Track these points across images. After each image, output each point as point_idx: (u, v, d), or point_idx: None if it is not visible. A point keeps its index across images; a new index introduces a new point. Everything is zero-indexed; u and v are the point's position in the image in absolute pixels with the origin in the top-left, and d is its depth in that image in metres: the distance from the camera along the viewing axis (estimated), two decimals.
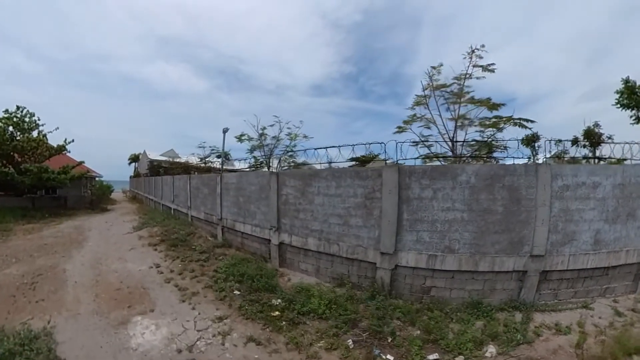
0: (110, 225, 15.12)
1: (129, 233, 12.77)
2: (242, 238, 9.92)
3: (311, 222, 7.23)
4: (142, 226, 14.07)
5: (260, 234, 8.79)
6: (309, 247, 7.24)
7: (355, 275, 6.48)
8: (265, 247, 8.67)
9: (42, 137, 18.84)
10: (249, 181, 9.60)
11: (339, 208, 6.67)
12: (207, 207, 12.61)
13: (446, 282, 5.70)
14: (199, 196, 13.47)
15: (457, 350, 4.26)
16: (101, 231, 13.38)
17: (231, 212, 10.54)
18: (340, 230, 6.66)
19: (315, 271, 7.27)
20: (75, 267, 8.12)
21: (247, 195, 9.58)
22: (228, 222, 10.71)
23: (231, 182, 10.67)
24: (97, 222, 16.01)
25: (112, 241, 11.30)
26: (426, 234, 5.71)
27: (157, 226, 13.78)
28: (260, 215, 8.85)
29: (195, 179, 13.89)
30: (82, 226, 14.78)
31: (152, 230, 13.00)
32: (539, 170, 5.48)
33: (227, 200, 10.85)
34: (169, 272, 7.78)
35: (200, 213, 13.27)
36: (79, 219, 17.30)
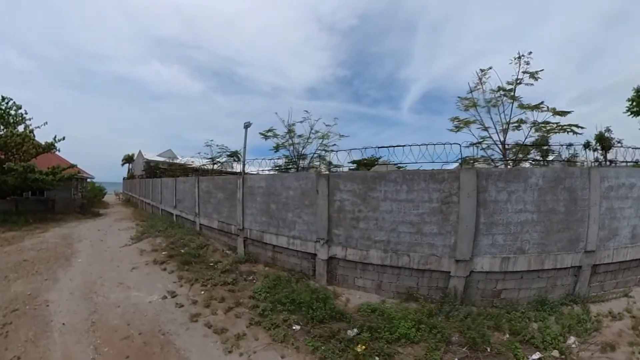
0: (103, 234, 13.11)
1: (126, 245, 10.81)
2: (274, 252, 8.35)
3: (374, 232, 6.39)
4: (141, 236, 12.11)
5: (302, 247, 7.43)
6: (371, 260, 6.38)
7: (425, 287, 6.04)
8: (307, 263, 7.43)
9: (28, 132, 16.73)
10: (286, 184, 8.01)
11: (411, 215, 6.05)
12: (222, 215, 10.78)
13: (515, 283, 5.80)
14: (210, 202, 11.59)
15: (550, 346, 4.40)
16: (93, 242, 11.38)
17: (258, 221, 8.85)
18: (412, 239, 6.07)
19: (375, 287, 6.46)
20: (63, 297, 6.22)
21: (283, 202, 8.01)
22: (253, 233, 9.00)
23: (258, 186, 8.93)
24: (89, 230, 13.97)
25: (108, 257, 9.35)
26: (500, 236, 5.71)
27: (160, 236, 11.86)
28: (302, 226, 7.48)
29: (206, 182, 12.02)
30: (71, 235, 12.75)
31: (155, 242, 11.07)
32: (591, 173, 5.93)
33: (252, 207, 9.11)
34: (190, 303, 5.95)
35: (212, 221, 11.41)
36: (68, 226, 15.22)
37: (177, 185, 15.30)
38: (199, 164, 19.57)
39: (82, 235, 12.86)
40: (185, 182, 14.27)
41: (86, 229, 14.53)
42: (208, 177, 12.34)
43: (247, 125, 11.61)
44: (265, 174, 9.71)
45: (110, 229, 14.32)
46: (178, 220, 15.08)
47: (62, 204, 20.77)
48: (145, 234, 12.47)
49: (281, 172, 10.84)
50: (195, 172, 19.04)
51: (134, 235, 12.38)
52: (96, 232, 13.63)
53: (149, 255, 9.44)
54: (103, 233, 13.30)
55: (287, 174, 9.64)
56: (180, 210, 14.70)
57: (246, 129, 11.61)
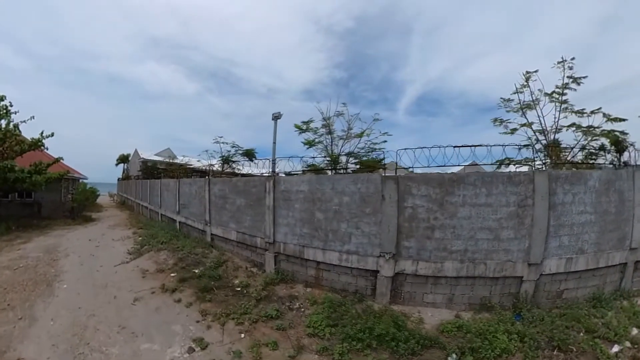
0: (95, 245, 11.13)
1: (123, 263, 8.88)
2: (318, 270, 6.98)
3: (451, 242, 5.84)
4: (141, 249, 10.18)
5: (359, 263, 6.35)
6: (445, 273, 5.86)
7: (498, 295, 5.89)
8: (364, 282, 6.41)
9: (12, 127, 14.67)
10: (339, 189, 6.62)
11: (490, 220, 5.74)
12: (242, 225, 8.97)
13: (575, 282, 5.98)
14: (226, 208, 9.74)
15: (622, 338, 4.64)
16: (83, 258, 9.42)
17: (296, 233, 7.29)
18: (489, 246, 5.78)
19: (447, 301, 6.00)
20: (43, 351, 4.35)
21: (334, 210, 6.65)
22: (289, 247, 7.43)
23: (297, 190, 7.28)
24: (78, 240, 11.97)
25: (101, 281, 7.44)
26: (566, 238, 5.83)
27: (164, 250, 9.94)
28: (361, 238, 6.35)
29: (220, 185, 10.15)
30: (56, 247, 10.76)
31: (159, 258, 9.17)
32: (636, 175, 6.34)
33: (287, 216, 7.50)
34: (233, 358, 4.14)
35: (228, 232, 9.57)
36: (55, 234, 13.21)
37: (181, 187, 13.39)
38: (201, 165, 17.66)
39: (70, 247, 10.89)
40: (192, 184, 12.35)
41: (75, 238, 12.52)
42: (223, 179, 10.50)
43: (277, 117, 9.84)
44: (307, 175, 8.00)
45: (103, 239, 12.33)
46: (182, 228, 13.17)
47: (50, 207, 18.65)
48: (146, 246, 10.54)
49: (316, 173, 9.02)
50: (201, 173, 17.16)
51: (131, 248, 10.43)
52: (86, 242, 11.64)
53: (154, 278, 7.56)
54: (95, 244, 11.31)
55: (341, 176, 7.75)
56: (185, 216, 12.79)
57: (276, 121, 9.84)
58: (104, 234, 13.48)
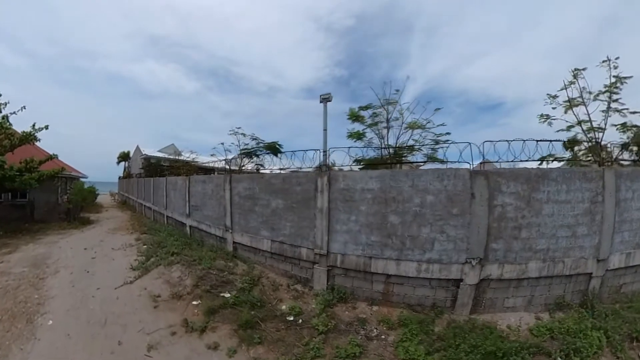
0: (91, 257, 9.23)
1: (127, 284, 6.97)
2: (388, 284, 5.87)
3: (536, 241, 5.42)
4: (147, 262, 8.26)
5: (441, 273, 5.53)
6: (529, 274, 5.40)
7: (570, 293, 5.66)
8: (443, 293, 5.66)
9: (1, 119, 12.83)
10: (420, 186, 5.54)
11: (568, 217, 5.46)
12: (280, 232, 7.16)
13: (631, 277, 6.02)
14: (255, 211, 7.85)
15: None
16: (76, 276, 7.54)
17: (360, 241, 5.97)
18: (567, 243, 5.50)
19: (525, 304, 5.57)
20: None
21: (414, 212, 5.58)
22: (349, 259, 6.06)
23: (363, 189, 5.86)
24: (72, 250, 10.10)
25: (98, 314, 5.54)
26: (627, 233, 5.84)
27: (177, 263, 8.06)
28: (445, 244, 5.51)
29: (247, 183, 8.24)
30: (46, 259, 8.91)
31: (172, 276, 7.28)
32: None
33: (347, 220, 6.07)
34: None
35: (259, 241, 7.72)
36: (46, 241, 11.36)
37: (192, 186, 11.49)
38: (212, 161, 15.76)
39: (61, 258, 9.03)
40: (207, 182, 10.44)
41: (69, 246, 10.65)
42: (251, 175, 8.62)
43: (327, 99, 7.93)
44: (377, 170, 6.34)
45: (101, 247, 10.44)
46: (194, 233, 11.28)
47: (44, 209, 16.81)
48: (153, 258, 8.65)
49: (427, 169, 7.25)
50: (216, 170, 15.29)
51: (135, 261, 8.53)
52: (81, 252, 9.76)
53: (171, 307, 5.68)
54: (91, 255, 9.42)
55: (422, 171, 6.26)
56: (198, 220, 10.89)
57: (325, 104, 7.93)
58: (103, 240, 11.60)
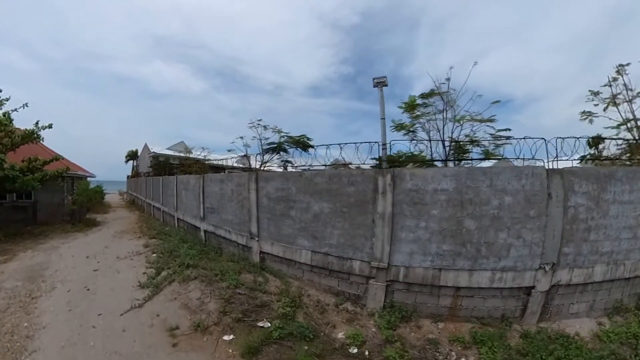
0: (93, 269, 7.92)
1: (135, 308, 5.65)
2: (456, 298, 5.21)
3: (602, 243, 5.20)
4: (158, 278, 6.95)
5: (514, 281, 4.94)
6: (594, 278, 5.17)
7: (627, 296, 5.46)
8: (514, 302, 5.09)
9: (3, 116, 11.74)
10: (499, 186, 4.92)
11: (630, 218, 5.25)
12: (324, 242, 5.95)
13: None
14: (290, 216, 6.52)
15: None
16: (74, 295, 6.25)
17: (430, 251, 5.19)
18: (628, 245, 5.30)
19: (587, 310, 5.33)
20: None
21: (491, 215, 4.93)
22: (415, 272, 5.27)
23: (435, 189, 5.05)
24: (73, 258, 8.86)
25: (100, 353, 4.21)
26: None
27: (194, 279, 6.72)
28: (521, 249, 4.93)
29: (278, 181, 6.87)
30: (43, 270, 7.70)
31: (190, 296, 5.93)
32: None
33: (414, 227, 5.21)
34: None
35: (295, 251, 6.44)
36: (47, 247, 10.19)
37: (207, 185, 10.15)
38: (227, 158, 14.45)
39: (60, 270, 7.78)
40: (226, 181, 9.07)
41: (70, 253, 9.42)
42: (285, 173, 7.28)
43: (382, 83, 6.60)
44: (451, 168, 5.74)
45: (106, 255, 9.17)
46: (210, 239, 9.96)
47: (48, 210, 15.68)
48: (165, 271, 7.33)
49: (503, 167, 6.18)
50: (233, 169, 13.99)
51: (144, 274, 7.21)
52: (83, 262, 8.49)
53: (195, 344, 4.30)
54: (93, 266, 8.14)
55: (500, 169, 5.45)
56: (215, 224, 9.55)
57: (381, 88, 6.59)
58: (107, 247, 10.34)
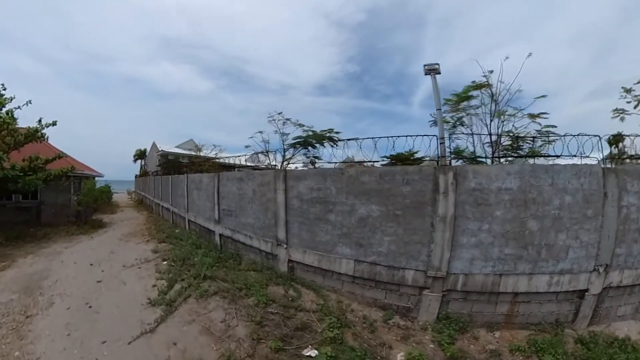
0: (97, 280, 6.95)
1: (146, 333, 4.65)
2: (513, 304, 4.85)
3: None
4: (171, 291, 6.00)
5: (570, 284, 4.81)
6: None
7: None
8: (568, 306, 4.98)
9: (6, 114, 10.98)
10: (560, 185, 4.64)
11: None
12: (371, 249, 5.36)
13: None
14: (328, 220, 5.65)
15: None
16: (74, 314, 5.28)
17: (492, 255, 4.77)
18: None
19: (633, 312, 5.26)
20: None
21: (552, 215, 4.61)
22: (475, 279, 4.82)
23: (498, 188, 4.66)
24: (76, 265, 7.96)
25: None
26: None
27: (214, 294, 5.74)
28: (578, 251, 4.79)
29: (313, 180, 5.90)
30: (42, 280, 6.82)
31: (211, 317, 4.94)
32: None
33: (477, 230, 4.76)
34: None
35: (334, 261, 5.64)
36: (48, 252, 9.32)
37: (223, 185, 9.18)
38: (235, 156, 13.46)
39: (60, 280, 6.87)
40: (246, 180, 8.06)
41: (73, 259, 8.52)
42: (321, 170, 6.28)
43: (434, 70, 5.83)
44: (515, 165, 5.11)
45: (111, 263, 8.22)
46: (226, 244, 8.99)
47: (53, 211, 14.89)
48: (178, 283, 6.36)
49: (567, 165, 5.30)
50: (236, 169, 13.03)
51: (154, 288, 6.24)
52: (86, 271, 7.56)
53: None
54: (97, 276, 7.19)
55: (560, 167, 4.88)
56: (232, 228, 8.57)
57: (433, 76, 5.83)
58: (113, 252, 9.42)
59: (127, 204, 26.39)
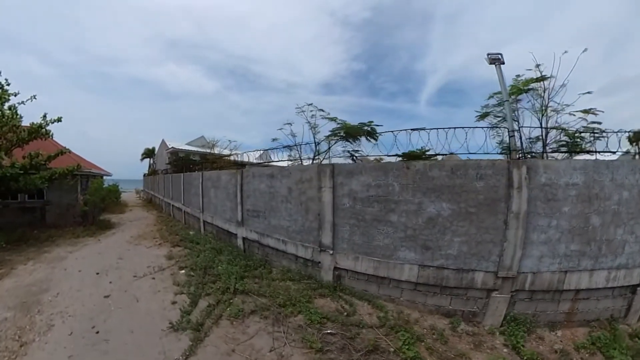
0: (105, 294, 5.88)
1: None
2: (574, 301, 4.81)
3: None
4: (196, 310, 4.90)
5: (625, 279, 4.78)
6: None
7: None
8: (622, 301, 4.95)
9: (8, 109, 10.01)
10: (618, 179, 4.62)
11: None
12: (439, 252, 4.77)
13: None
14: (388, 221, 4.79)
15: None
16: (78, 342, 4.18)
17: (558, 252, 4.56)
18: None
19: None
20: None
21: (612, 211, 4.61)
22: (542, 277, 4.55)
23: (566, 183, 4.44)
24: (80, 276, 6.89)
25: None
26: None
27: (253, 313, 4.61)
28: (633, 246, 4.76)
29: (369, 176, 4.87)
30: (42, 293, 5.80)
31: (256, 347, 3.80)
32: None
33: (545, 227, 4.48)
34: None
35: (393, 268, 4.95)
36: (51, 258, 8.32)
37: (248, 183, 8.06)
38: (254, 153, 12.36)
39: (62, 293, 5.82)
40: (278, 177, 6.91)
41: (78, 267, 7.47)
42: (382, 165, 5.23)
43: (498, 60, 5.11)
44: (581, 160, 4.73)
45: (120, 272, 7.14)
46: (252, 248, 7.87)
47: (58, 211, 13.90)
48: (202, 298, 5.26)
49: None
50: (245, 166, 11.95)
51: (174, 312, 5.11)
52: (92, 282, 6.49)
53: None
54: (105, 288, 6.10)
55: (619, 162, 4.73)
56: (260, 232, 7.43)
57: (498, 66, 5.10)
58: (122, 258, 8.35)
59: (136, 203, 25.55)
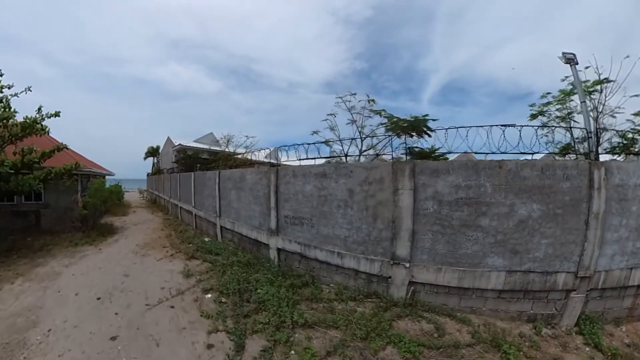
0: (112, 335, 4.41)
1: None
2: (636, 297, 4.92)
3: None
4: (244, 357, 3.39)
5: None
6: None
7: None
8: None
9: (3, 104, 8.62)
10: None
11: None
12: (527, 255, 4.44)
13: None
14: (478, 227, 4.43)
15: None
16: None
17: (627, 250, 4.73)
18: None
19: None
20: None
21: None
22: (612, 275, 4.72)
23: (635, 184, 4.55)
24: (78, 299, 5.43)
25: None
26: None
27: (333, 357, 3.13)
28: None
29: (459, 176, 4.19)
30: (28, 330, 4.35)
31: None
32: None
33: (617, 225, 4.61)
34: None
35: (479, 277, 4.73)
36: (43, 274, 6.92)
37: (286, 184, 6.57)
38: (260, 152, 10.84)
39: (55, 329, 4.38)
40: (331, 176, 5.40)
41: (75, 289, 6.00)
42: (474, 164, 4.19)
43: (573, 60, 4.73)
44: None
45: (128, 295, 5.66)
46: (289, 260, 6.38)
47: (54, 215, 12.40)
48: (249, 338, 3.77)
49: None
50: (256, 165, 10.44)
51: (207, 355, 3.65)
52: (93, 311, 5.01)
53: None
54: (110, 323, 4.63)
55: None
56: (304, 242, 5.95)
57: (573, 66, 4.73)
58: (128, 275, 6.87)
59: (139, 203, 24.12)
